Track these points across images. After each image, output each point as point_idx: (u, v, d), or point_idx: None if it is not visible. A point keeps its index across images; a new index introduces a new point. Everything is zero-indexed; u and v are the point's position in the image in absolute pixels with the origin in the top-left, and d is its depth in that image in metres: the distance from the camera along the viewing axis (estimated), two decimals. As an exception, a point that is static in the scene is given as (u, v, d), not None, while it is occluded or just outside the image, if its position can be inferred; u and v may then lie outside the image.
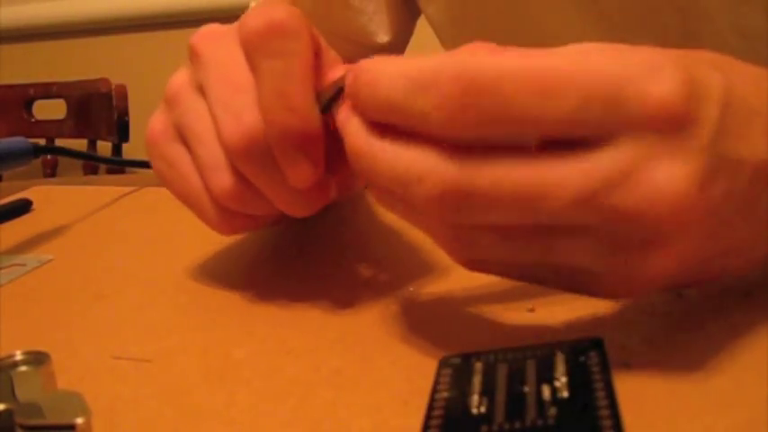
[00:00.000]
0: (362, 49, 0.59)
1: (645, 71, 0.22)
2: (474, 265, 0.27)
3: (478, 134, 0.24)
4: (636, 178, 0.22)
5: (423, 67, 0.24)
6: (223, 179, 0.31)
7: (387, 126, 0.26)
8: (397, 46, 0.62)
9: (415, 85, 0.24)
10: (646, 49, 0.23)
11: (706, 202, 0.23)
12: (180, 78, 0.34)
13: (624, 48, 0.24)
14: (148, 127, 0.35)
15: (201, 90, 0.33)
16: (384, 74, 0.26)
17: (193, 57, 0.33)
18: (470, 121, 0.23)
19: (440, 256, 0.38)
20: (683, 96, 0.22)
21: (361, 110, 0.27)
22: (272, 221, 0.35)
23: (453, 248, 0.27)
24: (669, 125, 0.22)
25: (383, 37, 0.60)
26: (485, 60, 0.23)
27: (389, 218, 0.46)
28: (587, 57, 0.23)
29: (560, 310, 0.31)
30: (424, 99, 0.24)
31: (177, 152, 0.34)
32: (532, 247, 0.25)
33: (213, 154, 0.32)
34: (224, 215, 0.33)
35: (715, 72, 0.24)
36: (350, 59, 0.60)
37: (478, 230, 0.25)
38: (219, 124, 0.31)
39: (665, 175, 0.22)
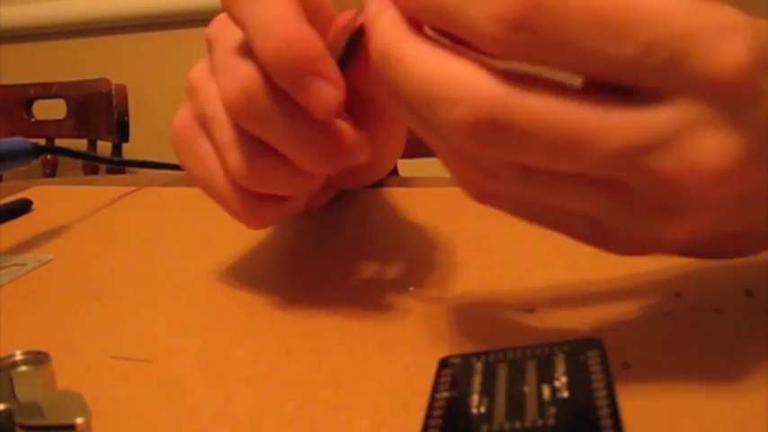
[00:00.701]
0: None
1: (718, 29, 0.20)
2: (485, 198, 0.25)
3: (527, 58, 0.22)
4: (682, 143, 0.21)
5: None
6: (237, 156, 0.30)
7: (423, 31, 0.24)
8: None
9: None
10: (726, 8, 0.21)
11: (741, 183, 0.22)
12: (198, 69, 0.33)
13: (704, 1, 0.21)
14: (173, 124, 0.33)
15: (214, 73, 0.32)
16: None
17: (207, 44, 0.33)
18: (523, 41, 0.21)
19: (440, 256, 0.38)
20: (751, 66, 0.20)
21: (403, 7, 0.24)
22: (298, 209, 0.34)
23: (468, 178, 0.25)
24: (730, 94, 0.21)
25: None
26: None
27: (389, 218, 0.46)
28: (659, 2, 0.21)
29: (560, 310, 0.31)
30: (479, 6, 0.21)
31: (201, 146, 0.32)
32: (554, 190, 0.23)
33: (225, 132, 0.30)
34: (248, 203, 0.32)
35: None
36: None
37: (498, 168, 0.23)
38: (220, 91, 0.30)
39: (712, 146, 0.21)
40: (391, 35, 0.24)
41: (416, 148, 0.67)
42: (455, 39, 0.23)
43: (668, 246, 0.24)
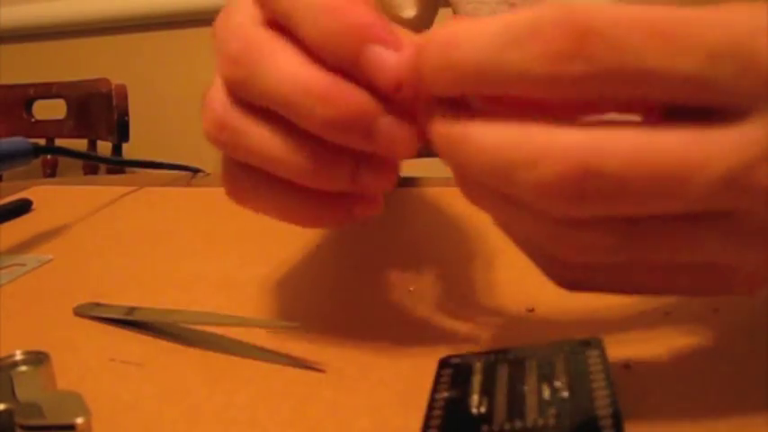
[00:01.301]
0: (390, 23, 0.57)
1: None
2: (579, 283, 0.23)
3: (589, 91, 0.20)
4: None
5: (512, 20, 0.20)
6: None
7: (469, 106, 0.22)
8: (423, 21, 0.58)
9: (508, 36, 0.20)
10: None
11: None
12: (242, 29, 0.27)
13: (753, 2, 0.20)
14: (205, 120, 0.29)
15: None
16: (463, 34, 0.21)
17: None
18: (579, 72, 0.19)
19: (440, 256, 0.38)
20: None
21: (433, 84, 0.22)
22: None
23: (559, 262, 0.23)
24: None
25: (409, 12, 0.57)
26: (594, 6, 0.19)
27: (389, 218, 0.46)
28: (713, 11, 0.19)
29: (560, 310, 0.31)
30: (522, 51, 0.19)
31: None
32: (663, 238, 0.21)
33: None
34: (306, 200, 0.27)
35: None
36: None
37: (593, 230, 0.21)
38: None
39: None
40: (445, 123, 0.22)
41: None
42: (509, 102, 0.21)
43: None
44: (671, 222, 0.20)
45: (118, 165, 0.65)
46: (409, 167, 0.70)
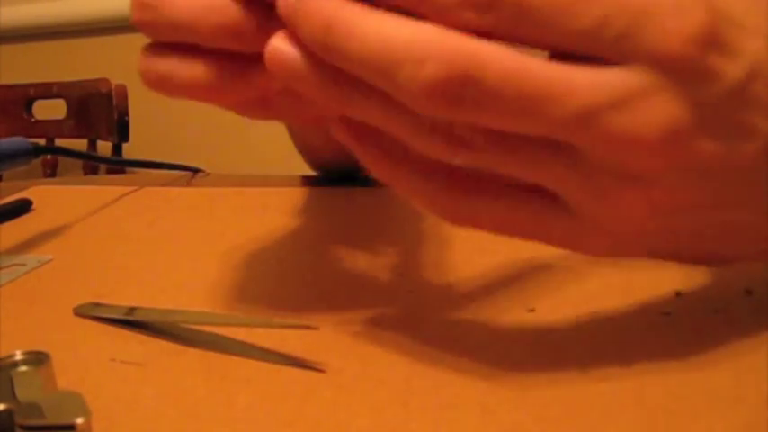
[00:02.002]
0: None
1: (673, 6, 0.22)
2: (458, 213, 0.25)
3: (492, 33, 0.22)
4: (634, 106, 0.22)
5: None
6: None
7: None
8: None
9: None
10: None
11: (689, 154, 0.23)
12: None
13: None
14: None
15: None
16: None
17: None
18: (489, 19, 0.21)
19: (440, 256, 0.38)
20: (699, 44, 0.22)
21: None
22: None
23: (437, 192, 0.25)
24: (679, 68, 0.22)
25: None
26: None
27: (389, 218, 0.46)
28: None
29: (560, 310, 0.31)
30: None
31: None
32: (515, 157, 0.23)
33: None
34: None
35: (757, 39, 0.23)
36: None
37: (470, 131, 0.23)
38: None
39: (661, 112, 0.22)
40: (335, 4, 0.22)
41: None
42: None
43: (630, 226, 0.24)
44: (525, 141, 0.23)
45: (118, 165, 0.65)
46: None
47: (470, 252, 0.38)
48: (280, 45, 0.24)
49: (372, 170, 0.26)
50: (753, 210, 0.25)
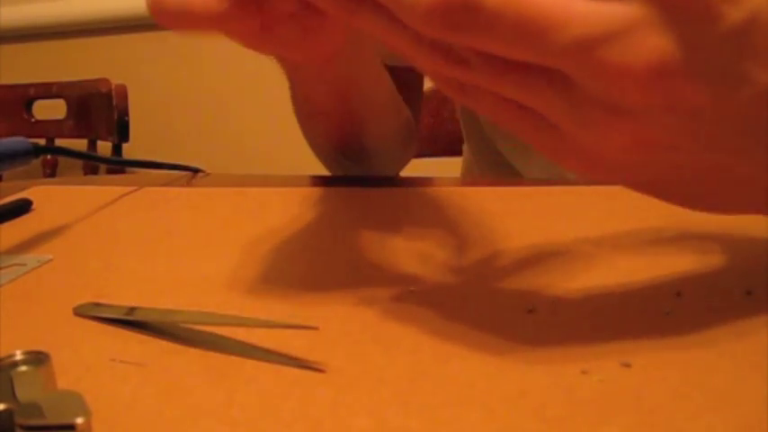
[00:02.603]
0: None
1: None
2: (454, 85, 0.26)
3: None
4: (630, 38, 0.22)
5: None
6: None
7: None
8: None
9: None
10: None
11: (681, 95, 0.23)
12: None
13: None
14: None
15: None
16: None
17: None
18: None
19: (440, 256, 0.38)
20: None
21: None
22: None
23: (437, 65, 0.25)
24: (681, 5, 0.22)
25: None
26: None
27: (390, 218, 0.46)
28: None
29: (560, 310, 0.31)
30: None
31: None
32: (511, 80, 0.24)
33: None
34: None
35: None
36: (383, 56, 0.61)
37: (467, 51, 0.24)
38: None
39: (654, 45, 0.22)
40: None
41: (417, 148, 0.68)
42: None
43: (616, 155, 0.25)
44: (519, 66, 0.24)
45: (118, 165, 0.65)
46: (409, 168, 0.71)
47: (470, 252, 0.38)
48: None
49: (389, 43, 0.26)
50: (748, 159, 0.25)
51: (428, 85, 0.76)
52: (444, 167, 0.79)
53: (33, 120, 1.37)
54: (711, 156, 0.25)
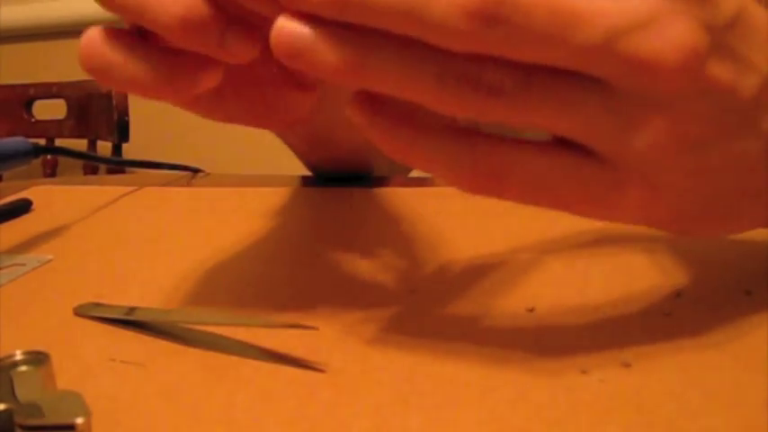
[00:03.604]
0: None
1: None
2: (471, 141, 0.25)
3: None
4: (660, 26, 0.22)
5: None
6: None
7: None
8: None
9: None
10: None
11: (710, 79, 0.24)
12: None
13: None
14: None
15: None
16: None
17: None
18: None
19: (440, 255, 0.38)
20: None
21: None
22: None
23: (467, 102, 0.24)
24: None
25: None
26: None
27: (390, 218, 0.46)
28: None
29: (560, 310, 0.31)
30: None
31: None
32: (549, 95, 0.23)
33: None
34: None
35: None
36: None
37: (494, 68, 0.23)
38: None
39: (685, 32, 0.23)
40: None
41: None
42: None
43: (659, 165, 0.25)
44: (554, 79, 0.23)
45: (118, 165, 0.65)
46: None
47: (471, 252, 0.38)
48: (287, 24, 0.23)
49: (388, 147, 0.25)
50: (753, 155, 0.26)
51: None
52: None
53: (33, 120, 1.37)
54: (738, 145, 0.26)
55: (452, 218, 0.43)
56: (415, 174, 0.62)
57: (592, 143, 0.24)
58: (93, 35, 0.28)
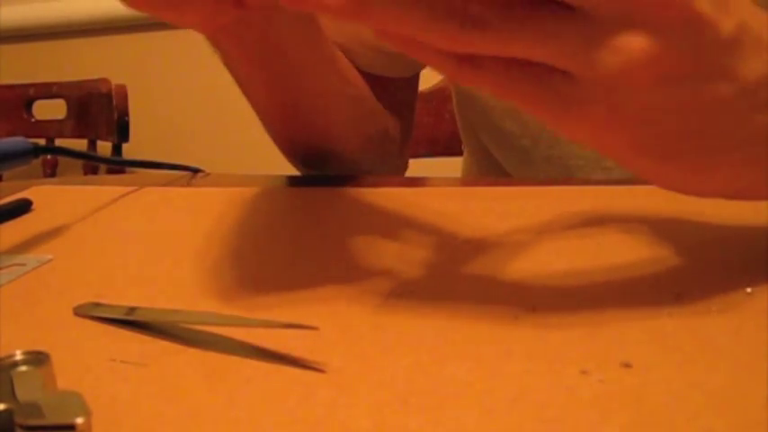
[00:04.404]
0: (378, 54, 0.57)
1: None
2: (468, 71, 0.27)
3: None
4: None
5: None
6: None
7: None
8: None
9: None
10: None
11: (695, 11, 0.25)
12: None
13: None
14: None
15: None
16: None
17: None
18: None
19: (440, 255, 0.38)
20: None
21: None
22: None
23: (455, 36, 0.25)
24: None
25: None
26: None
27: (390, 218, 0.46)
28: None
29: (560, 310, 0.31)
30: None
31: None
32: (525, 26, 0.25)
33: None
34: None
35: None
36: (366, 65, 0.59)
37: (478, 2, 0.25)
38: None
39: None
40: None
41: (416, 148, 0.68)
42: None
43: (626, 95, 0.26)
44: (535, 11, 0.25)
45: (118, 165, 0.65)
46: (411, 168, 0.70)
47: (470, 252, 0.38)
48: None
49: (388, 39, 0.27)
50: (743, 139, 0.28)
51: (426, 85, 0.76)
52: (444, 167, 0.78)
53: (33, 120, 1.37)
54: (711, 87, 0.26)
55: (451, 218, 0.43)
56: (415, 173, 0.62)
57: (565, 66, 0.25)
58: None
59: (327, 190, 0.54)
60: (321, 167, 0.57)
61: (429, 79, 0.86)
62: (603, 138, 0.28)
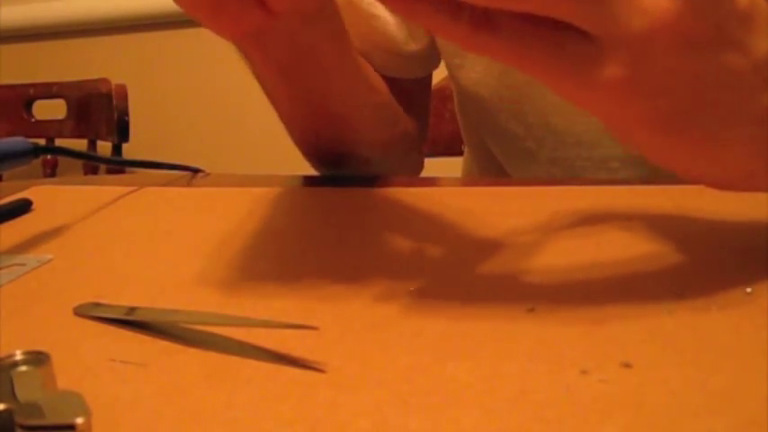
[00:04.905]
0: (393, 56, 0.58)
1: None
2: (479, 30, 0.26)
3: None
4: None
5: None
6: None
7: None
8: (428, 53, 0.60)
9: None
10: None
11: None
12: None
13: None
14: None
15: None
16: None
17: None
18: None
19: (441, 255, 0.38)
20: None
21: None
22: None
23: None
24: None
25: (412, 45, 0.59)
26: None
27: (390, 218, 0.46)
28: None
29: (560, 310, 0.31)
30: None
31: None
32: None
33: None
34: None
35: None
36: (382, 67, 0.59)
37: None
38: None
39: None
40: None
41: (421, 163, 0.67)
42: None
43: (645, 54, 0.26)
44: None
45: (118, 165, 0.65)
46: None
47: (471, 251, 0.38)
48: None
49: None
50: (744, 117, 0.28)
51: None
52: (444, 167, 0.78)
53: (33, 120, 1.37)
54: (726, 57, 0.27)
55: (452, 218, 0.43)
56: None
57: (587, 24, 0.25)
58: None
59: (328, 190, 0.54)
60: (342, 169, 0.57)
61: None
62: (616, 108, 0.27)
